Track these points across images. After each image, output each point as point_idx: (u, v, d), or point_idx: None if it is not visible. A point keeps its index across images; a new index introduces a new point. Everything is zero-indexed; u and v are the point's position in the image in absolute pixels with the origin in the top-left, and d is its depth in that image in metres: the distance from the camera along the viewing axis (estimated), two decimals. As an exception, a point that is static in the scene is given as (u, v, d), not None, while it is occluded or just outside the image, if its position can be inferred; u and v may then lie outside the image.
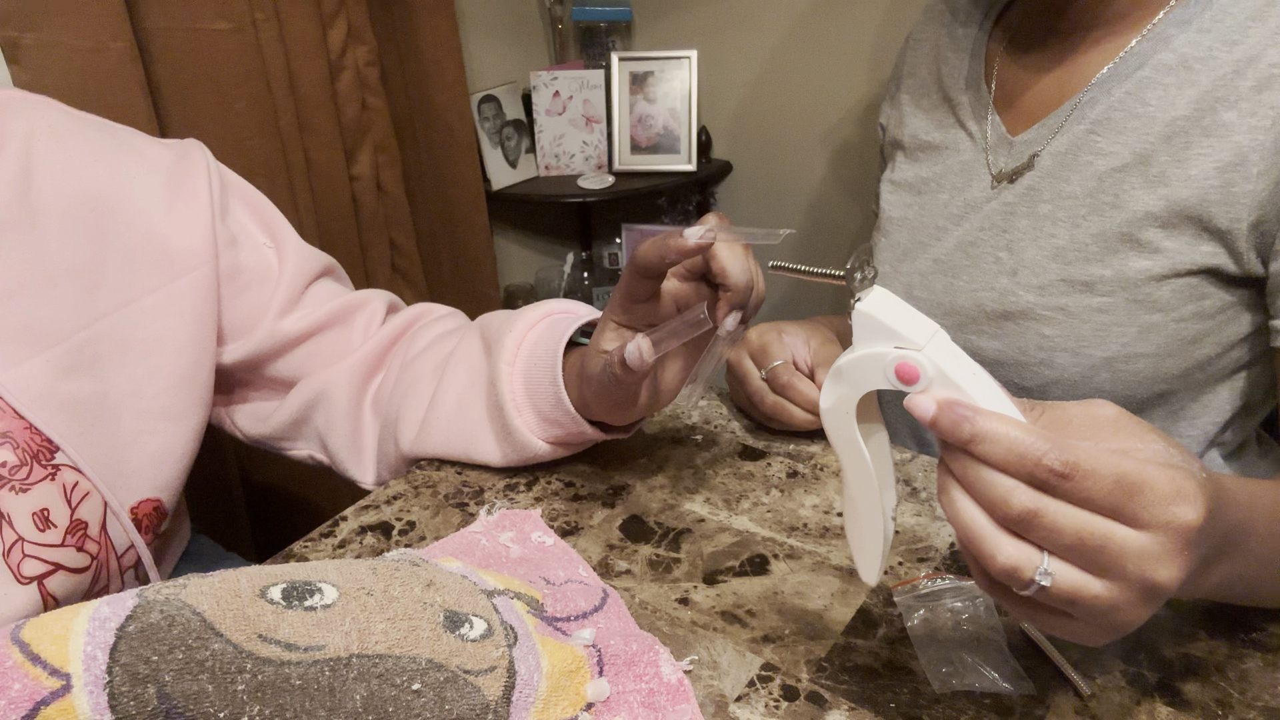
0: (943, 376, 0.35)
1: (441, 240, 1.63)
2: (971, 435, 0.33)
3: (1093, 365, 0.66)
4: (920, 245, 0.77)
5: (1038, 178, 0.69)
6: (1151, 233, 0.63)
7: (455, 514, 0.62)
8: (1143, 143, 0.63)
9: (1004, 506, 0.33)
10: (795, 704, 0.45)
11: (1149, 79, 0.64)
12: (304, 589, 0.39)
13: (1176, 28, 0.63)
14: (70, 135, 0.61)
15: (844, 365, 0.37)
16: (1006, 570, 0.33)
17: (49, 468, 0.54)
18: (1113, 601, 0.33)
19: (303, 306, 0.70)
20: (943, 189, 0.77)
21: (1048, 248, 0.68)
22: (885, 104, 0.90)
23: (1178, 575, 0.32)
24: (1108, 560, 0.32)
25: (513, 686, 0.41)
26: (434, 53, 1.47)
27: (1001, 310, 0.70)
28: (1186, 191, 0.61)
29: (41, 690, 0.33)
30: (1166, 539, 0.32)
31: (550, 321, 0.63)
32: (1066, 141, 0.68)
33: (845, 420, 0.38)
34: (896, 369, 0.35)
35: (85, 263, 0.59)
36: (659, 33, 1.79)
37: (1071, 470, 0.32)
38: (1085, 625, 0.34)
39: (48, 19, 0.96)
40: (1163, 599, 0.33)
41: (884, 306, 0.36)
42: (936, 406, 0.34)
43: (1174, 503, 0.32)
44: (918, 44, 0.84)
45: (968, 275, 0.73)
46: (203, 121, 1.16)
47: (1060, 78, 0.70)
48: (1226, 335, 0.65)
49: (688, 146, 1.72)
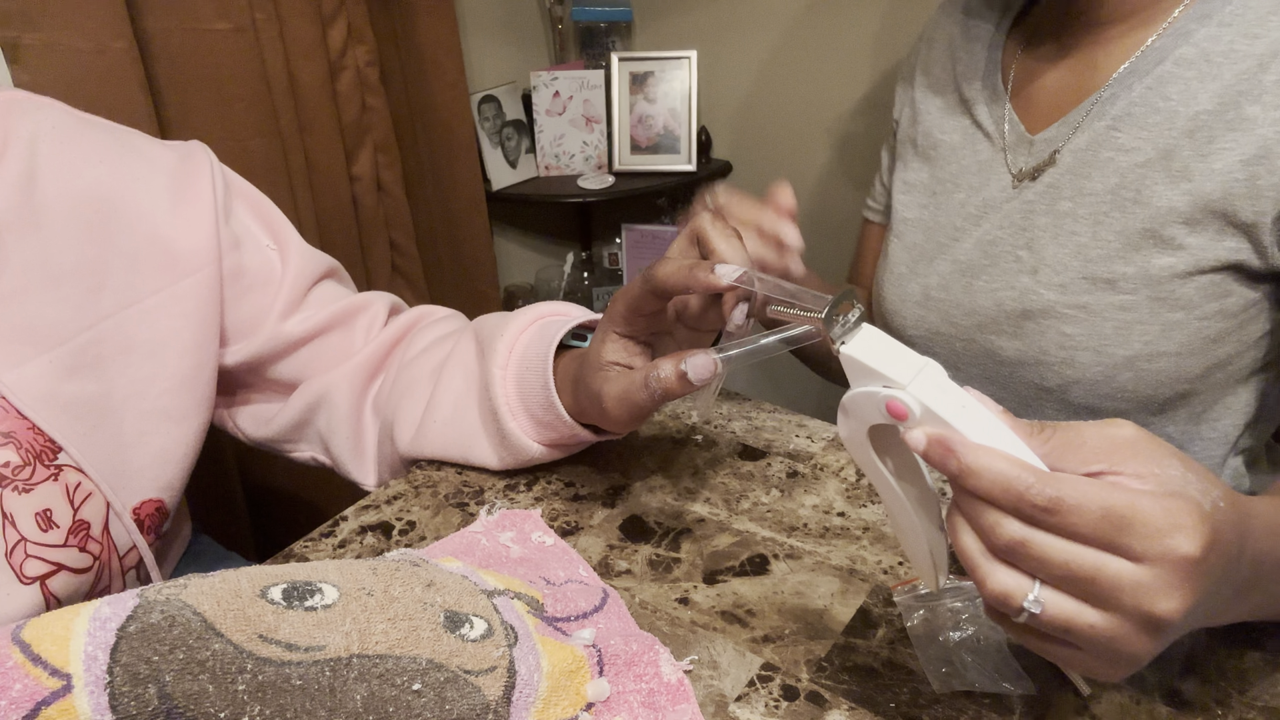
0: (929, 412, 0.35)
1: (441, 240, 1.63)
2: (959, 469, 0.34)
3: (1115, 364, 0.66)
4: (938, 246, 0.77)
5: (1058, 175, 0.69)
6: (1175, 229, 0.62)
7: (455, 514, 0.62)
8: (1165, 138, 0.63)
9: (992, 536, 0.34)
10: (795, 704, 0.45)
11: (1170, 74, 0.63)
12: (304, 589, 0.39)
13: (1196, 22, 0.63)
14: (75, 136, 0.61)
15: (846, 402, 0.39)
16: (997, 596, 0.34)
17: (52, 468, 0.54)
18: (1111, 632, 0.32)
19: (305, 309, 0.70)
20: (959, 188, 0.77)
21: (1069, 245, 0.67)
22: (898, 98, 0.89)
23: (1179, 607, 0.32)
24: (1102, 592, 0.32)
25: (513, 686, 0.41)
26: (434, 53, 1.47)
27: (1022, 309, 0.69)
28: (1210, 186, 0.61)
29: (42, 690, 0.33)
30: (1163, 571, 0.31)
31: (542, 325, 0.63)
32: (1087, 138, 0.67)
33: (863, 448, 0.40)
34: (887, 406, 0.37)
35: (89, 264, 0.59)
36: (659, 33, 1.79)
37: (1055, 505, 0.32)
38: (1091, 657, 0.34)
39: (48, 19, 0.97)
40: (1170, 631, 0.33)
41: (868, 348, 0.38)
42: (926, 441, 0.35)
43: (1169, 535, 0.31)
44: (932, 42, 0.84)
45: (987, 275, 0.72)
46: (203, 121, 1.16)
47: (1079, 75, 0.70)
48: (1247, 334, 0.64)
49: (688, 146, 1.72)
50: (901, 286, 0.80)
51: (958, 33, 0.81)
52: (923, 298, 0.78)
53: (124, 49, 1.02)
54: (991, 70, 0.76)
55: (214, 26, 1.14)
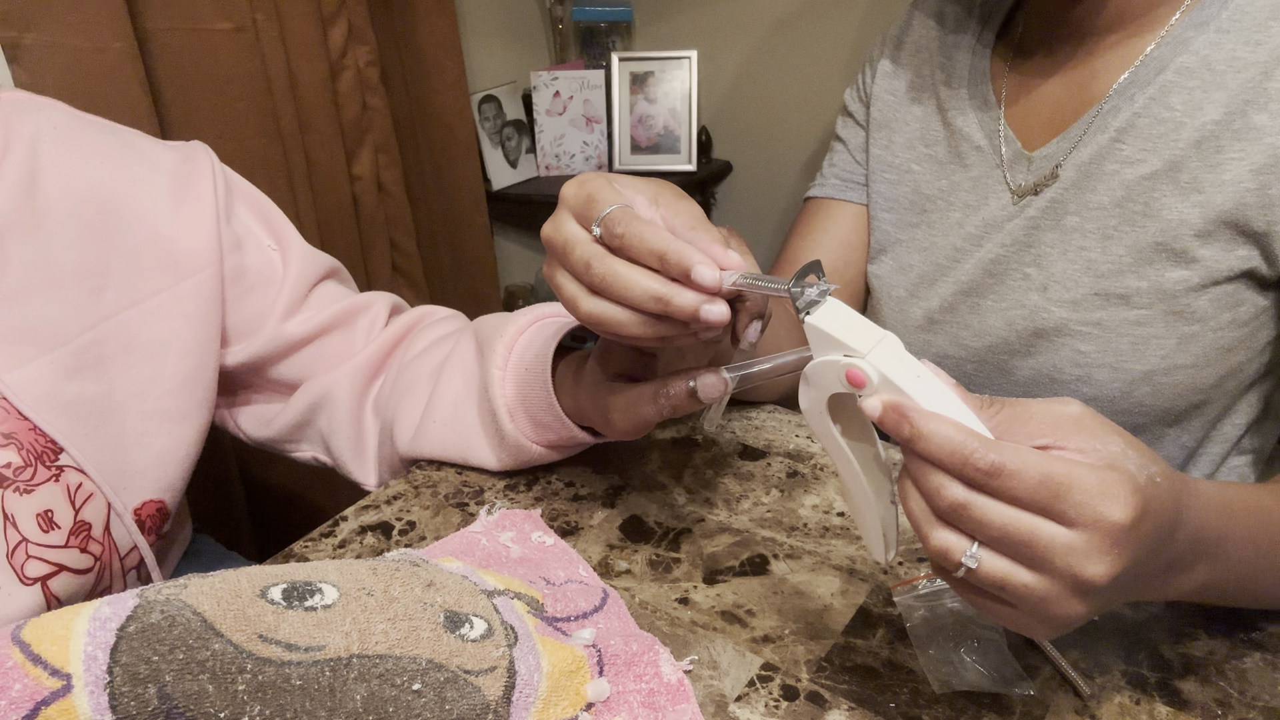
0: (886, 380, 0.37)
1: (442, 240, 1.63)
2: (910, 434, 0.36)
3: (1132, 379, 0.65)
4: (938, 269, 0.75)
5: (1061, 190, 0.67)
6: (1188, 242, 0.62)
7: (455, 514, 0.62)
8: (1171, 149, 0.62)
9: (936, 498, 0.36)
10: (795, 704, 0.45)
11: (1172, 83, 0.62)
12: (304, 589, 0.39)
13: (1194, 29, 0.62)
14: (76, 137, 0.61)
15: (808, 371, 0.41)
16: (938, 551, 0.36)
17: (53, 469, 0.54)
18: (1044, 593, 0.34)
19: (306, 309, 0.70)
20: (953, 208, 0.74)
21: (1079, 261, 0.66)
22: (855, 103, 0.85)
23: (1107, 571, 0.34)
24: (1035, 553, 0.34)
25: (513, 686, 0.41)
26: (434, 53, 1.47)
27: (1034, 328, 0.68)
28: (1221, 197, 0.60)
29: (42, 690, 0.33)
30: (1094, 536, 0.33)
31: (541, 326, 0.63)
32: (1090, 152, 0.66)
33: (821, 418, 0.42)
34: (846, 375, 0.39)
35: (90, 264, 0.59)
36: (659, 33, 1.79)
37: (996, 470, 0.34)
38: (1026, 615, 0.36)
39: (48, 19, 0.97)
40: (1098, 594, 0.35)
41: (832, 319, 0.40)
42: (881, 408, 0.37)
43: (1101, 502, 0.33)
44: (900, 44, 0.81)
45: (995, 295, 0.71)
46: (203, 121, 1.16)
47: (1075, 86, 0.68)
48: (1257, 341, 0.64)
49: (688, 146, 1.72)
50: (902, 311, 0.78)
51: (934, 39, 0.78)
52: (926, 322, 0.76)
53: (124, 49, 1.02)
54: (978, 80, 0.74)
55: (214, 26, 1.14)
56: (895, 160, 0.79)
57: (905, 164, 0.79)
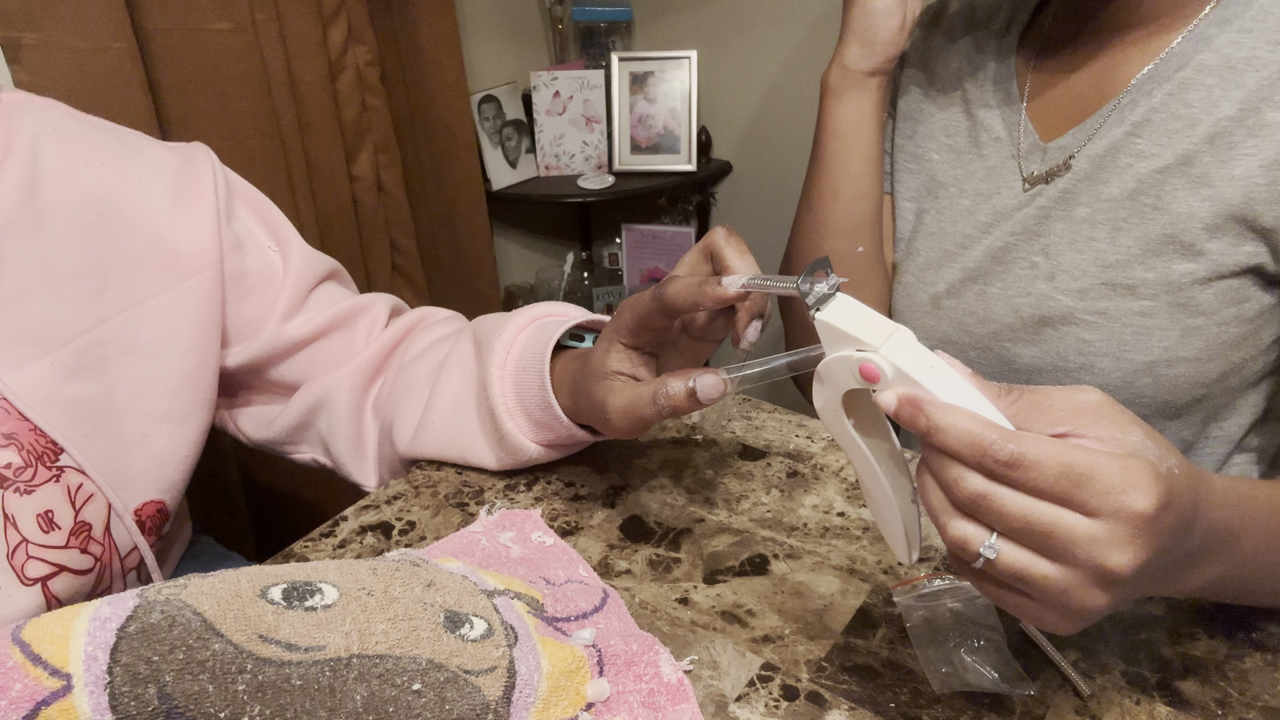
0: (900, 374, 0.37)
1: (441, 240, 1.63)
2: (927, 427, 0.36)
3: (1134, 370, 0.65)
4: (946, 255, 0.76)
5: (1073, 180, 0.68)
6: (1196, 235, 0.62)
7: (455, 514, 0.62)
8: (1185, 144, 0.62)
9: (954, 490, 0.35)
10: (795, 704, 0.45)
11: (1191, 79, 0.63)
12: (304, 589, 0.39)
13: (1217, 27, 0.63)
14: (77, 138, 0.61)
15: (821, 369, 0.40)
16: (956, 541, 0.36)
17: (53, 470, 0.54)
18: (1065, 584, 0.34)
19: (307, 310, 0.70)
20: (964, 194, 0.76)
21: (1087, 251, 0.67)
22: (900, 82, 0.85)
23: (1131, 561, 0.33)
24: (1057, 544, 0.34)
25: (513, 686, 0.41)
26: (434, 53, 1.47)
27: (1039, 316, 0.69)
28: (1231, 191, 0.60)
29: (42, 690, 0.33)
30: (1117, 526, 0.33)
31: (539, 325, 0.63)
32: (1105, 144, 0.66)
33: (836, 417, 0.41)
34: (860, 370, 0.38)
35: (91, 265, 0.59)
36: (659, 33, 1.79)
37: (1017, 460, 0.34)
38: (1046, 609, 0.36)
39: (48, 19, 0.97)
40: (1121, 586, 0.34)
41: (842, 314, 0.39)
42: (896, 401, 0.37)
43: (1124, 492, 0.33)
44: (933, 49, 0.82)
45: (1002, 282, 0.72)
46: (203, 121, 1.16)
47: (1097, 80, 0.69)
48: (1262, 339, 0.64)
49: (688, 146, 1.72)
50: (909, 295, 0.79)
51: (962, 34, 0.79)
52: (932, 306, 0.77)
53: (124, 49, 1.02)
54: (1004, 76, 0.75)
55: (214, 26, 1.14)
56: (918, 150, 0.81)
57: (926, 153, 0.80)
